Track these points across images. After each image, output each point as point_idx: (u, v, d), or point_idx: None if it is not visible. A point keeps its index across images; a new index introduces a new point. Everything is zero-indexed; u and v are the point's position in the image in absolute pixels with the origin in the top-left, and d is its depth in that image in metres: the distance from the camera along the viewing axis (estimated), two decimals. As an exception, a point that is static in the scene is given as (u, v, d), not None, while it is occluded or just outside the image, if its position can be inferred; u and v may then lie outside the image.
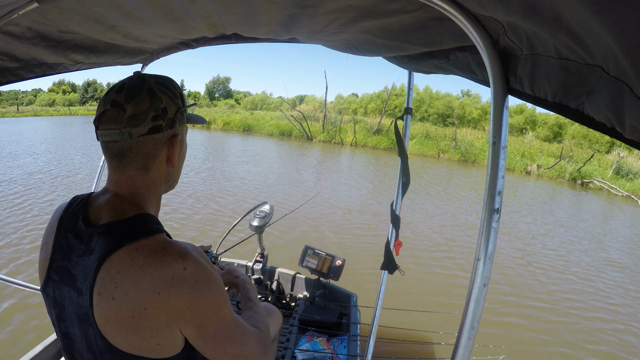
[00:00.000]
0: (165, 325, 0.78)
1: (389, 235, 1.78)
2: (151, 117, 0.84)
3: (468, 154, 21.12)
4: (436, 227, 7.65)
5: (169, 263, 0.77)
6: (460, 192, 11.80)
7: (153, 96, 0.84)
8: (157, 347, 0.79)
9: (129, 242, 0.78)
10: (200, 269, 0.80)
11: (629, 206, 13.66)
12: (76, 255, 0.82)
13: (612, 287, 5.59)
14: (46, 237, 0.91)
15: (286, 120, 26.76)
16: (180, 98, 0.91)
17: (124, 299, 0.75)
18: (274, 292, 2.92)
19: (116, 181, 0.88)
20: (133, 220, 0.83)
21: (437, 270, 5.48)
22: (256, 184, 10.02)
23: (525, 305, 4.70)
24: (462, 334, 0.75)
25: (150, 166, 0.88)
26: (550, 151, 22.90)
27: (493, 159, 0.75)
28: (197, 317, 0.79)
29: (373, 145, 23.12)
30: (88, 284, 0.78)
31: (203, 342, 0.83)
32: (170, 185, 0.99)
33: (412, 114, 1.92)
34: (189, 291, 0.77)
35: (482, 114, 33.80)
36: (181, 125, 0.92)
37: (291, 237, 6.01)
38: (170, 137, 0.89)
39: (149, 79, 0.87)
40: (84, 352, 0.84)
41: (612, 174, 18.13)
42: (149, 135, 0.84)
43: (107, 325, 0.77)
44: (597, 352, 3.90)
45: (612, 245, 7.94)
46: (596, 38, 0.47)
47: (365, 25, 1.12)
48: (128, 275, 0.76)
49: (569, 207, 12.28)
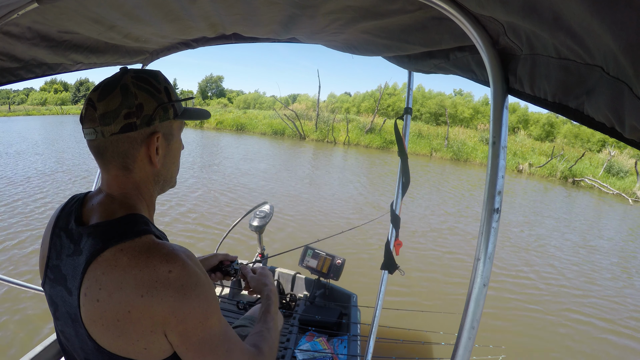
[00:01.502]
0: (150, 331, 0.75)
1: (389, 235, 1.78)
2: (123, 115, 0.80)
3: (460, 152, 21.27)
4: (436, 227, 7.66)
5: (153, 265, 0.74)
6: (459, 191, 11.87)
7: (126, 93, 0.81)
8: (144, 351, 0.76)
9: (114, 243, 0.76)
10: (187, 273, 0.76)
11: (620, 204, 13.83)
12: (66, 254, 0.82)
13: (612, 287, 5.60)
14: (45, 235, 0.91)
15: (279, 119, 26.72)
16: (165, 92, 0.86)
17: (108, 301, 0.73)
18: None
19: (106, 180, 0.88)
20: (121, 220, 0.81)
21: (437, 270, 5.48)
22: (255, 184, 9.99)
23: (525, 305, 4.71)
24: (462, 334, 0.75)
25: (131, 166, 0.85)
26: (542, 150, 23.13)
27: (493, 159, 0.75)
28: (181, 324, 0.76)
29: (366, 144, 23.18)
30: (76, 284, 0.77)
31: (185, 351, 0.79)
32: (163, 186, 0.95)
33: (410, 112, 1.92)
34: (173, 295, 0.74)
35: (474, 113, 33.99)
36: (163, 122, 0.86)
37: (291, 237, 6.00)
38: (149, 135, 0.84)
39: (127, 74, 0.83)
40: (79, 350, 0.83)
41: (604, 173, 18.32)
42: (122, 133, 0.81)
43: (93, 327, 0.76)
44: (597, 352, 3.90)
45: (613, 245, 7.97)
46: (596, 38, 0.48)
47: (365, 26, 1.11)
48: (112, 277, 0.74)
49: (571, 206, 12.38)
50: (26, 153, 12.28)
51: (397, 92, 38.10)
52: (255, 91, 57.77)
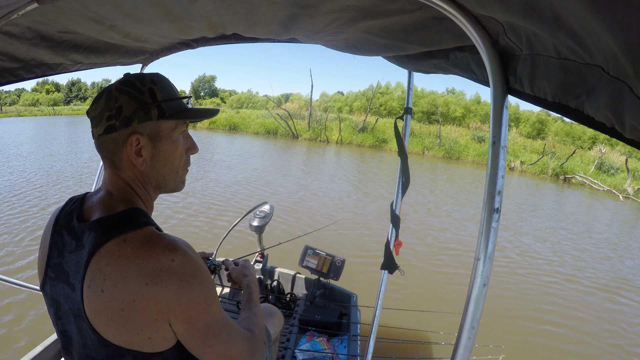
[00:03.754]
0: (155, 319, 0.77)
1: (388, 235, 1.78)
2: (106, 117, 0.85)
3: (452, 150, 21.37)
4: (435, 226, 7.66)
5: (157, 254, 0.78)
6: (458, 190, 11.92)
7: (109, 96, 0.85)
8: (148, 340, 0.79)
9: (117, 235, 0.79)
10: (188, 262, 0.80)
11: (610, 200, 13.98)
12: (68, 251, 0.83)
13: (613, 287, 5.60)
14: (44, 236, 0.93)
15: (272, 118, 26.65)
16: (149, 94, 0.86)
17: (113, 291, 0.76)
18: (274, 292, 2.90)
19: (105, 178, 0.92)
20: (122, 214, 0.84)
21: (437, 269, 5.47)
22: (248, 182, 9.95)
23: (526, 305, 4.71)
24: (462, 334, 0.75)
25: (119, 165, 0.88)
26: (533, 147, 23.31)
27: (493, 159, 0.75)
28: (186, 311, 0.79)
29: (358, 143, 23.20)
30: (79, 278, 0.79)
31: (191, 338, 0.82)
32: (156, 188, 0.95)
33: (410, 112, 1.92)
34: (177, 283, 0.77)
35: (466, 111, 34.15)
36: (142, 123, 0.85)
37: (291, 237, 5.94)
38: (127, 136, 0.85)
39: (118, 80, 0.88)
40: (81, 348, 0.84)
41: (595, 170, 18.49)
42: (106, 134, 0.85)
43: (98, 319, 0.77)
44: (597, 352, 3.91)
45: (611, 245, 8.00)
46: (596, 38, 0.47)
47: (365, 25, 1.12)
48: (116, 267, 0.76)
49: (571, 205, 12.47)
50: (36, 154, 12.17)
51: (390, 90, 38.19)
52: (248, 91, 57.67)
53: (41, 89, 54.26)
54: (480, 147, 21.48)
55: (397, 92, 38.11)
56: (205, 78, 58.09)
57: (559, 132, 30.30)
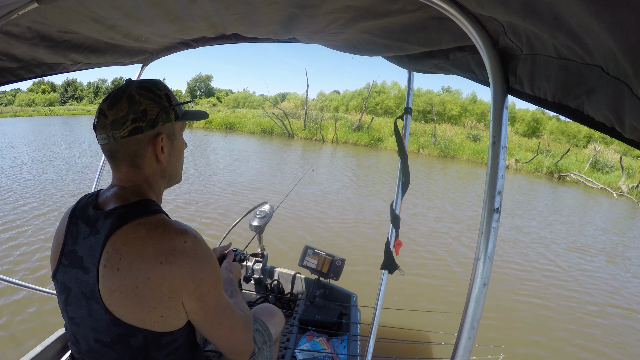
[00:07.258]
0: (168, 297, 0.83)
1: (388, 235, 1.78)
2: (131, 120, 0.91)
3: (447, 149, 21.39)
4: (435, 226, 7.66)
5: (170, 236, 0.85)
6: (456, 190, 11.90)
7: (132, 101, 0.91)
8: (160, 319, 0.84)
9: (132, 219, 0.86)
10: (199, 244, 0.88)
11: (604, 198, 14.06)
12: (82, 237, 0.89)
13: (614, 287, 5.59)
14: (59, 227, 0.98)
15: (268, 118, 26.59)
16: (166, 98, 0.97)
17: (128, 269, 0.81)
18: (274, 292, 2.90)
19: (117, 177, 0.98)
20: (135, 203, 0.91)
21: (437, 269, 5.45)
22: (245, 181, 9.93)
23: (526, 305, 4.71)
24: (462, 334, 0.75)
25: (141, 164, 0.96)
26: (528, 146, 23.40)
27: (493, 159, 0.75)
28: (198, 289, 0.86)
29: (354, 142, 23.20)
30: (95, 260, 0.84)
31: (204, 316, 0.90)
32: (169, 181, 1.06)
33: (410, 112, 1.92)
34: (189, 262, 0.84)
35: (461, 110, 34.24)
36: (166, 124, 0.97)
37: (291, 237, 5.97)
38: (154, 136, 0.96)
39: (132, 85, 0.94)
40: (89, 333, 0.88)
41: (589, 168, 18.58)
42: (131, 136, 0.92)
43: (111, 297, 0.82)
44: (598, 353, 3.90)
45: (611, 245, 8.01)
46: (595, 38, 0.48)
47: (365, 25, 1.12)
48: (132, 246, 0.82)
49: (570, 203, 12.48)
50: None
51: (386, 90, 38.26)
52: (245, 90, 57.68)
53: (37, 89, 53.92)
54: (475, 146, 21.50)
55: (394, 90, 38.21)
56: (202, 77, 58.03)
57: (554, 130, 30.51)
